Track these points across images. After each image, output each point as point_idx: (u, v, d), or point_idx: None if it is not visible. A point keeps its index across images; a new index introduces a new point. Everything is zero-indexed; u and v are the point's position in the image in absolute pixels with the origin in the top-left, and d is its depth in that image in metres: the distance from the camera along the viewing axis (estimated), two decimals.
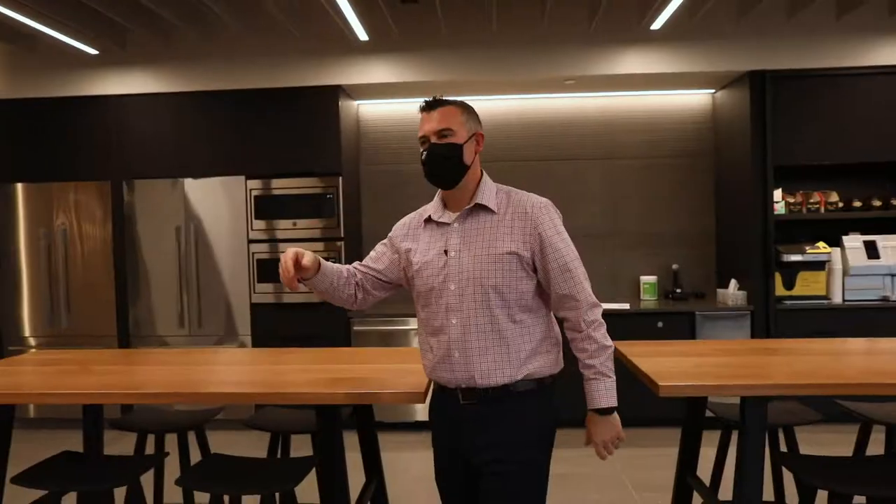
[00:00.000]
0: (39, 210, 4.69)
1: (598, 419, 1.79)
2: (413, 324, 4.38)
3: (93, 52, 4.43)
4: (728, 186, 4.71)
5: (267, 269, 4.51)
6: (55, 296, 4.69)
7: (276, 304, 4.52)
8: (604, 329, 1.77)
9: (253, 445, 4.03)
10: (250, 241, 4.53)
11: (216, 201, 4.56)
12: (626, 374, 2.36)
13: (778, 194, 4.41)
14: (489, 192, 1.83)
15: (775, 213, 4.37)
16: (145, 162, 4.61)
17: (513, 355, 1.73)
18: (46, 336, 4.71)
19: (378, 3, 3.90)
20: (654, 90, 4.84)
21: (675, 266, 4.81)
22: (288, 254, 1.77)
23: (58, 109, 4.64)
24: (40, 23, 3.88)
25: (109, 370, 2.36)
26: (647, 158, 4.94)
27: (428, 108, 1.83)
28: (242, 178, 4.52)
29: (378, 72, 4.41)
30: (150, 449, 2.73)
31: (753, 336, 4.33)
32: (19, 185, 4.69)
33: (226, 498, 2.12)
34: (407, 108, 4.95)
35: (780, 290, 4.40)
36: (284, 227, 4.50)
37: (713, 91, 4.88)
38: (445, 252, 1.78)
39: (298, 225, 4.48)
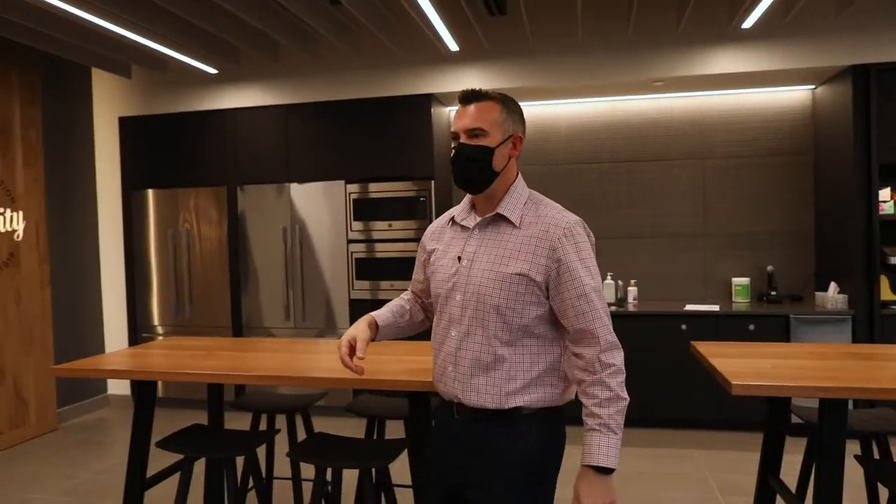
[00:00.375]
0: (167, 213, 5.25)
1: (594, 478, 1.50)
2: None
3: (212, 70, 4.92)
4: (829, 185, 4.53)
5: (365, 268, 4.82)
6: (180, 289, 5.24)
7: (373, 301, 4.82)
8: (622, 378, 1.55)
9: (352, 429, 4.35)
10: (349, 242, 4.87)
11: (318, 204, 4.93)
12: (708, 376, 2.41)
13: (885, 193, 4.20)
14: (516, 201, 1.64)
15: (882, 212, 4.17)
16: (256, 169, 5.05)
17: (506, 382, 1.57)
18: (172, 325, 5.27)
19: (467, 17, 4.09)
20: (747, 88, 4.73)
21: (769, 268, 4.68)
22: (342, 349, 1.72)
23: (183, 123, 5.18)
24: (169, 48, 4.37)
25: (229, 355, 2.69)
26: (739, 157, 4.83)
27: (465, 101, 1.62)
28: (342, 182, 4.85)
29: (468, 80, 4.61)
30: (262, 427, 3.07)
31: (855, 342, 4.16)
32: (150, 191, 5.27)
33: (328, 470, 2.38)
34: None
35: (886, 294, 4.20)
36: (380, 228, 4.79)
37: (813, 87, 4.70)
38: (458, 259, 1.65)
39: (393, 226, 4.76)
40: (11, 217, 4.46)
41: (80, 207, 5.26)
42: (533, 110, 5.06)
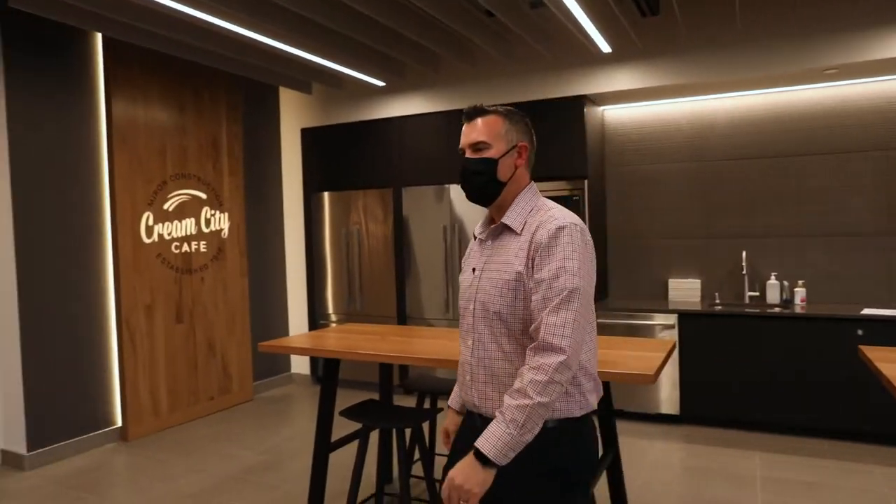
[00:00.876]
0: (340, 213, 5.85)
1: (471, 461, 1.44)
2: (657, 318, 4.54)
3: (380, 83, 5.41)
4: None
5: None
6: (351, 282, 5.82)
7: None
8: (543, 379, 1.42)
9: None
10: None
11: (475, 204, 5.21)
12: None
13: None
14: (521, 210, 1.65)
15: None
16: (418, 171, 5.46)
17: None
18: (344, 314, 5.87)
19: (619, 19, 4.14)
20: None
21: None
22: (441, 439, 1.86)
23: (354, 132, 5.75)
24: (344, 66, 4.90)
25: (398, 340, 3.04)
26: None
27: (468, 118, 1.68)
28: None
29: (622, 80, 4.64)
30: (425, 407, 3.39)
31: None
32: (326, 194, 5.90)
33: None
34: (651, 110, 5.08)
35: None
36: None
37: None
38: (473, 270, 1.70)
39: None
40: (220, 218, 5.28)
41: (269, 208, 6.03)
42: (687, 106, 4.96)
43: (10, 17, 3.92)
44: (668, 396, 4.55)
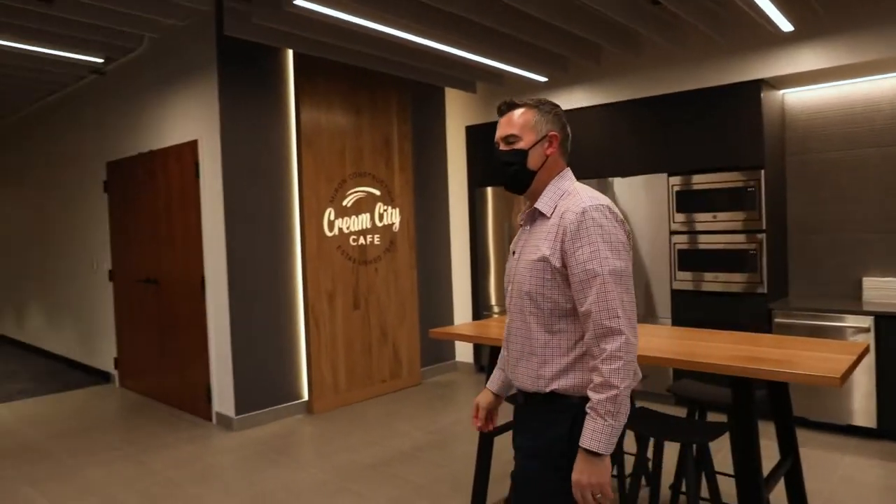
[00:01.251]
0: (502, 207, 6.00)
1: (582, 457, 1.56)
2: (849, 320, 4.14)
3: (543, 79, 5.46)
4: None
5: (687, 259, 4.84)
6: None
7: (696, 292, 4.81)
8: (619, 364, 1.52)
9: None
10: (672, 233, 4.93)
11: (640, 197, 5.09)
12: None
13: None
14: (551, 195, 1.73)
15: None
16: (581, 165, 5.43)
17: (541, 366, 1.67)
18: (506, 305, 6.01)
19: None
20: None
21: None
22: (472, 412, 2.05)
23: None
24: (507, 64, 5.02)
25: None
26: None
27: (500, 113, 1.82)
28: (664, 175, 4.93)
29: (806, 60, 4.26)
30: None
31: None
32: (489, 189, 6.09)
33: (650, 446, 2.60)
34: (840, 91, 4.61)
35: None
36: (704, 219, 4.74)
37: None
38: (513, 253, 1.82)
39: (718, 218, 4.67)
40: (392, 213, 5.67)
41: (436, 203, 6.35)
42: (888, 83, 4.41)
43: (223, 41, 4.54)
44: (861, 407, 4.12)
